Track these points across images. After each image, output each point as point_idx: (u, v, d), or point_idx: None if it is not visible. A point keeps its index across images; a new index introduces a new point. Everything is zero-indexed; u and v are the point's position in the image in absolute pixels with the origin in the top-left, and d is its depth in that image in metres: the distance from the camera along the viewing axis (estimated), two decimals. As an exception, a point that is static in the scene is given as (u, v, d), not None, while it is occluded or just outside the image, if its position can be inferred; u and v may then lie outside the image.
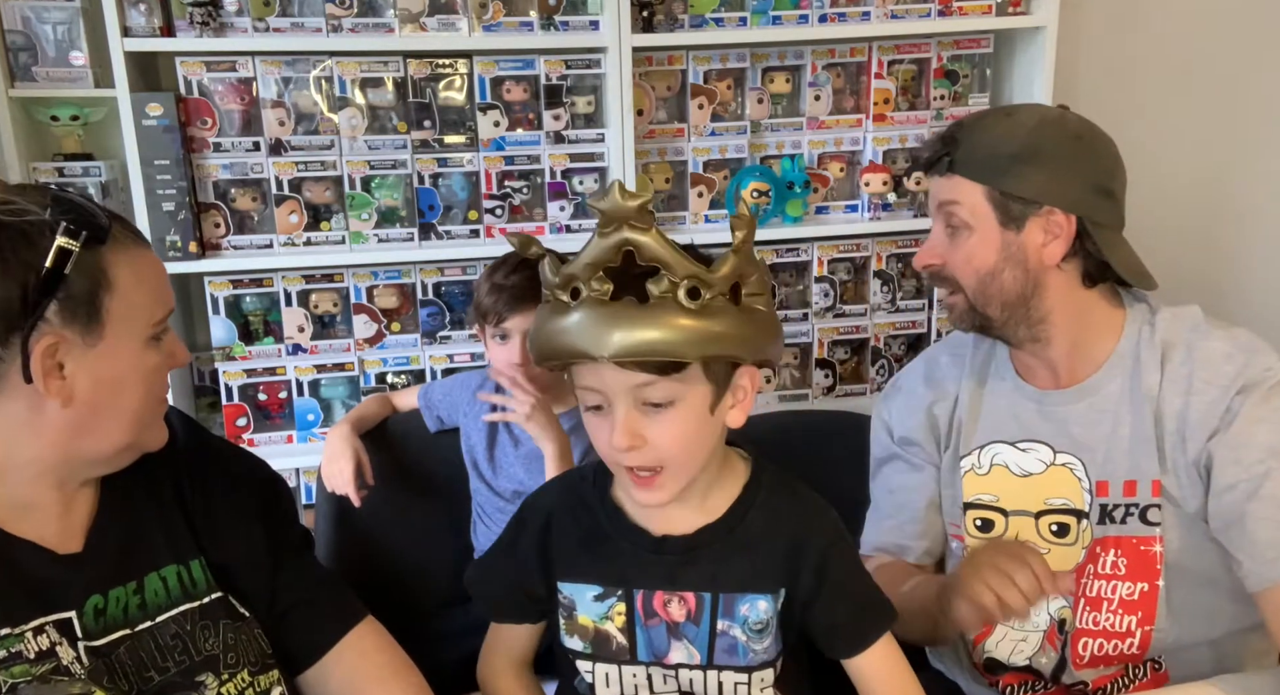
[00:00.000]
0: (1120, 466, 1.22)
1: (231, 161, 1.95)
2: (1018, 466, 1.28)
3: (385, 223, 2.02)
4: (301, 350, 2.05)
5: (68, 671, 0.90)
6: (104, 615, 0.94)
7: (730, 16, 2.03)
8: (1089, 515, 1.24)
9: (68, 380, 0.89)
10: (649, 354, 0.92)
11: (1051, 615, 1.26)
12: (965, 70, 2.20)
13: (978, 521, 1.30)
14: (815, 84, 2.13)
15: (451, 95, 2.02)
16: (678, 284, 0.93)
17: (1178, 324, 1.25)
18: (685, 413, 0.97)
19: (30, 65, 1.89)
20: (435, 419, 1.71)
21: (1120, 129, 1.25)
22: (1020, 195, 1.21)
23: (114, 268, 0.90)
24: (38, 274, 0.85)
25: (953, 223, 1.24)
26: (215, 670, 0.98)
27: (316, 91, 1.96)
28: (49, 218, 0.86)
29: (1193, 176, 2.46)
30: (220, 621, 1.00)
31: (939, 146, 1.25)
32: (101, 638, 0.93)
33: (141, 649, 0.96)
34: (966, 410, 1.32)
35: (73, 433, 0.91)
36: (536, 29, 1.97)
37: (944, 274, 1.26)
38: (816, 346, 2.21)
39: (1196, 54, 2.39)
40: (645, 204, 0.91)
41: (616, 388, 0.95)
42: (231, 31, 1.88)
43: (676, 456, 0.98)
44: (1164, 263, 1.26)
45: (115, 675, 0.93)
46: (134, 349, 0.92)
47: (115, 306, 0.89)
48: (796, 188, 2.10)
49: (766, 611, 1.04)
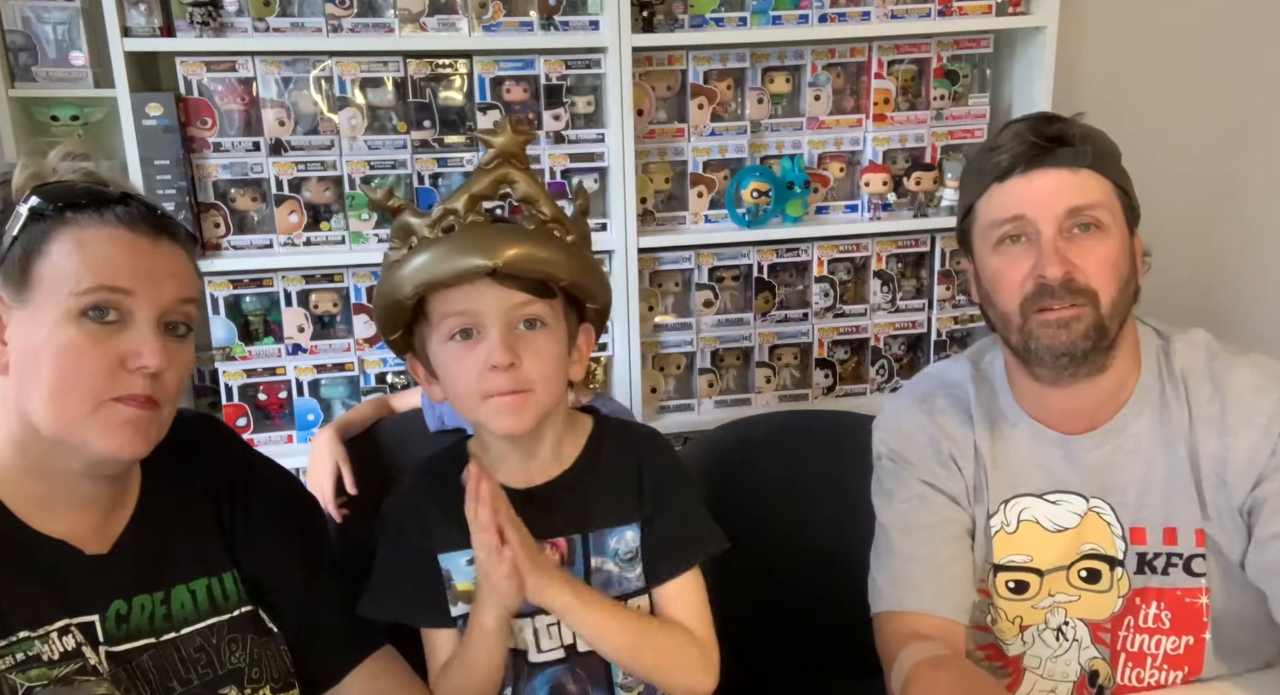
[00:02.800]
0: (1157, 512, 1.15)
1: (231, 161, 1.94)
2: (1050, 521, 1.18)
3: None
4: (301, 350, 2.05)
5: (95, 671, 0.88)
6: (126, 622, 0.93)
7: (730, 16, 2.03)
8: (1124, 563, 1.16)
9: (8, 345, 0.88)
10: (537, 265, 1.02)
11: (1082, 666, 1.20)
12: (965, 70, 2.20)
13: (1010, 584, 1.20)
14: (815, 84, 2.13)
15: (451, 95, 2.02)
16: (545, 221, 1.04)
17: (1194, 353, 1.17)
18: (552, 337, 1.06)
19: (30, 65, 1.89)
20: (437, 418, 1.70)
21: (1120, 129, 1.22)
22: (1132, 195, 1.14)
23: (59, 240, 0.88)
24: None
25: (1085, 222, 1.10)
26: (239, 684, 0.98)
27: (316, 91, 1.96)
28: (26, 193, 0.88)
29: (1193, 177, 2.45)
30: (248, 635, 1.00)
31: (1066, 140, 1.12)
32: (124, 644, 0.92)
33: (165, 659, 0.94)
34: (989, 462, 1.20)
35: (16, 405, 0.88)
36: (536, 29, 1.97)
37: (1077, 283, 1.10)
38: (816, 346, 2.21)
39: (1197, 54, 2.39)
40: (528, 142, 1.04)
41: (494, 307, 1.02)
42: (231, 31, 1.88)
43: (545, 377, 1.04)
44: (1163, 263, 1.22)
45: (136, 682, 0.92)
46: (54, 317, 0.87)
47: (48, 270, 0.87)
48: (796, 188, 2.10)
49: (634, 540, 1.11)
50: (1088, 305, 1.09)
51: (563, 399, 1.11)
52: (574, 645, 1.10)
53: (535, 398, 1.04)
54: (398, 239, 1.05)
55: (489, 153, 1.04)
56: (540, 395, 1.04)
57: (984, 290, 1.19)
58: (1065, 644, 1.21)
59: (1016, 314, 1.13)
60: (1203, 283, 2.52)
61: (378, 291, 1.09)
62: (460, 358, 1.04)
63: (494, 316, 1.02)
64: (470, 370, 1.03)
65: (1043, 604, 1.21)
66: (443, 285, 1.02)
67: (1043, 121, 1.15)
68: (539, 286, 1.04)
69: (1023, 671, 1.22)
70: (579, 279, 1.06)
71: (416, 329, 1.09)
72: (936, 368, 1.33)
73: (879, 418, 1.32)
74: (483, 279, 1.01)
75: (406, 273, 1.02)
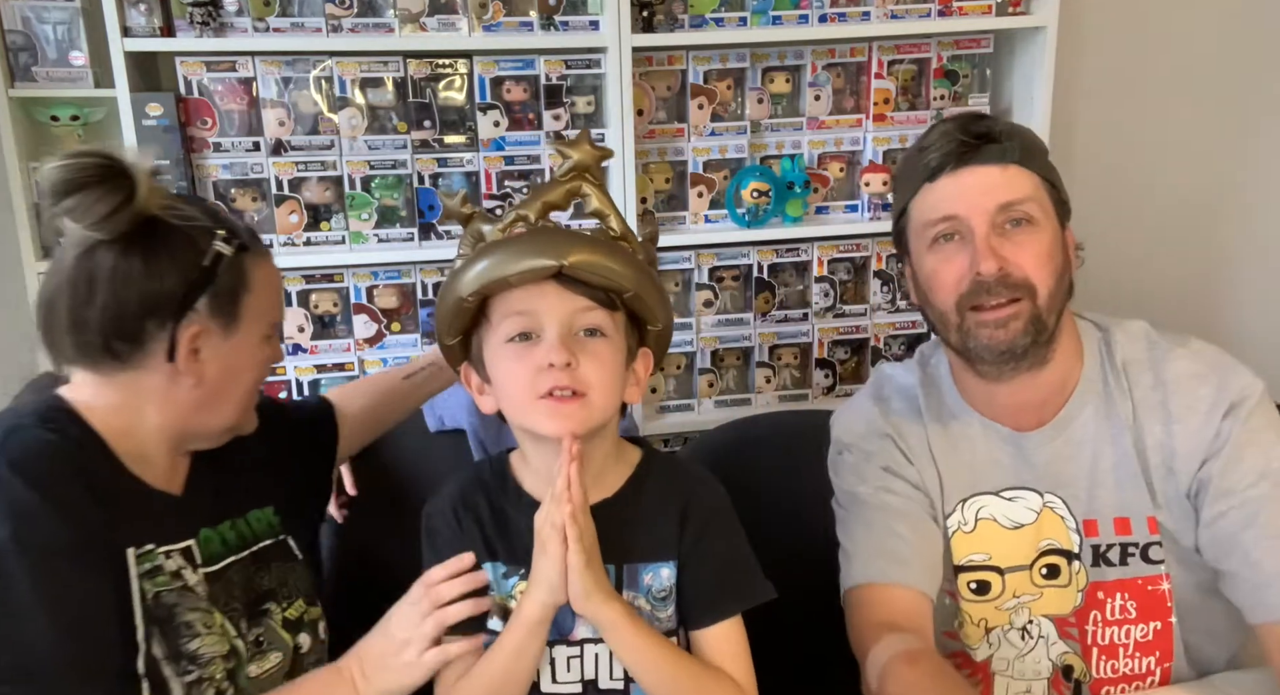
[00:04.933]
0: (1107, 503, 1.16)
1: (231, 161, 1.95)
2: (1007, 518, 1.19)
3: (385, 223, 2.02)
4: (301, 350, 2.05)
5: (193, 592, 1.05)
6: (207, 550, 1.10)
7: (730, 16, 2.03)
8: (1080, 556, 1.17)
9: (201, 363, 1.05)
10: (604, 270, 1.00)
11: (1054, 662, 1.20)
12: (965, 70, 2.20)
13: (972, 585, 1.21)
14: (815, 84, 2.13)
15: (451, 95, 2.02)
16: (615, 237, 1.05)
17: (1134, 343, 1.18)
18: (612, 347, 1.04)
19: (30, 65, 1.89)
20: (437, 419, 1.70)
21: (1120, 129, 1.23)
22: (1060, 188, 1.15)
23: (253, 272, 1.07)
24: (197, 271, 1.03)
25: (1016, 217, 1.12)
26: (277, 600, 1.15)
27: (316, 91, 1.96)
28: (211, 225, 1.04)
29: (1193, 177, 2.45)
30: (273, 563, 1.17)
31: (992, 136, 1.12)
32: (215, 564, 1.10)
33: (239, 574, 1.12)
34: (942, 463, 1.21)
35: (195, 408, 1.07)
36: (536, 29, 1.97)
37: (1013, 278, 1.11)
38: (816, 346, 2.21)
39: (1197, 54, 2.39)
40: (605, 158, 1.05)
41: (555, 309, 1.01)
42: (231, 31, 1.88)
43: (600, 385, 1.02)
44: (1162, 264, 1.23)
45: (229, 598, 1.09)
46: (255, 343, 1.10)
47: (250, 305, 1.07)
48: (796, 188, 2.10)
49: (669, 579, 1.07)
50: (1025, 299, 1.11)
51: (614, 419, 1.08)
52: (594, 681, 1.06)
53: (588, 403, 1.01)
54: (467, 245, 1.06)
55: (565, 164, 1.05)
56: (594, 402, 1.01)
57: (921, 291, 1.19)
58: (1031, 642, 1.21)
59: (954, 312, 1.14)
60: (1202, 282, 2.52)
61: (440, 295, 1.08)
62: (519, 357, 1.02)
63: (554, 318, 1.01)
64: (526, 370, 1.01)
65: (1007, 605, 1.21)
66: (507, 284, 1.01)
67: (969, 120, 1.16)
68: (603, 296, 1.02)
69: (992, 676, 1.22)
70: (643, 293, 1.04)
71: (475, 334, 1.08)
72: (889, 369, 1.33)
73: (837, 416, 1.33)
74: (547, 281, 1.00)
75: (472, 273, 1.02)
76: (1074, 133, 2.31)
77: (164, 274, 1.01)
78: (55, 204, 0.98)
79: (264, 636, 1.11)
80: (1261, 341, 2.54)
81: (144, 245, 1.00)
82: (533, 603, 1.01)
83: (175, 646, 1.01)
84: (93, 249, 1.00)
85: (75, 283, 1.00)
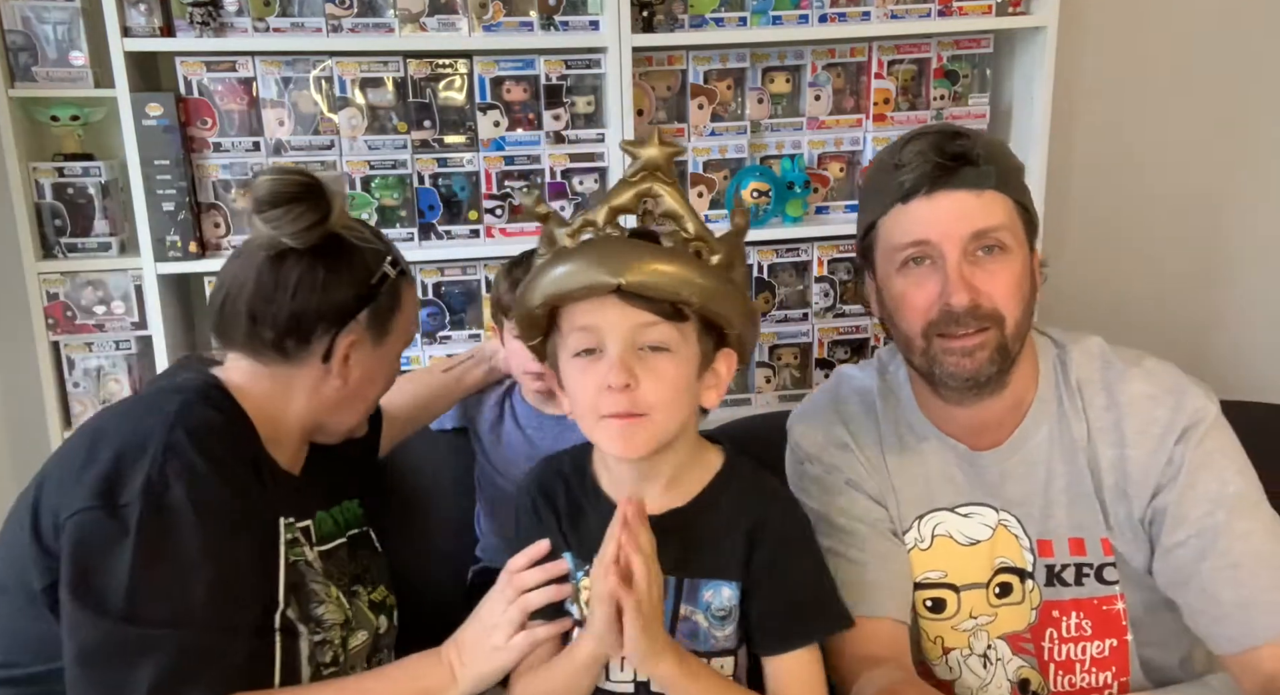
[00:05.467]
0: (1062, 524, 1.15)
1: (231, 161, 1.94)
2: (963, 535, 1.18)
3: (385, 223, 2.02)
4: (301, 350, 2.05)
5: (312, 566, 1.15)
6: (324, 526, 1.21)
7: (730, 16, 2.03)
8: (1034, 575, 1.17)
9: (350, 367, 1.17)
10: (663, 287, 0.96)
11: (1010, 680, 1.20)
12: (965, 70, 2.20)
13: (928, 602, 1.20)
14: (815, 84, 2.13)
15: (451, 95, 2.02)
16: (689, 239, 0.99)
17: (1089, 362, 1.16)
18: (677, 362, 1.00)
19: (30, 65, 1.89)
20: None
21: (1120, 129, 1.22)
22: (1032, 209, 1.13)
23: (405, 295, 1.22)
24: (366, 288, 1.15)
25: (989, 245, 1.09)
26: (364, 583, 1.26)
27: (316, 91, 1.96)
28: (381, 248, 1.18)
29: (1193, 177, 2.45)
30: (360, 550, 1.28)
31: (970, 159, 1.08)
32: (327, 543, 1.21)
33: (342, 555, 1.23)
34: (897, 476, 1.21)
35: (334, 406, 1.20)
36: (536, 29, 1.97)
37: (983, 309, 1.08)
38: (816, 346, 2.21)
39: (1197, 54, 2.39)
40: (676, 155, 1.00)
41: (617, 326, 0.98)
42: (231, 31, 1.88)
43: (662, 404, 0.99)
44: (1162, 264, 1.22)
45: (340, 575, 1.20)
46: (393, 357, 1.24)
47: (399, 323, 1.21)
48: (796, 188, 2.10)
49: (730, 599, 1.04)
50: (992, 329, 1.08)
51: (689, 427, 1.05)
52: (646, 683, 1.06)
53: (650, 423, 0.99)
54: (544, 247, 1.03)
55: (634, 164, 1.00)
56: (657, 421, 0.99)
57: (887, 310, 1.17)
58: (992, 668, 1.21)
59: (920, 338, 1.12)
60: (1202, 282, 2.52)
61: (516, 298, 1.08)
62: (584, 371, 1.01)
63: (616, 334, 0.98)
64: (589, 388, 1.00)
65: (964, 626, 1.21)
66: (570, 299, 1.00)
67: (945, 139, 1.11)
68: (668, 308, 0.98)
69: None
70: (712, 304, 0.99)
71: (550, 339, 1.07)
72: (848, 371, 1.32)
73: (797, 418, 1.31)
74: (609, 295, 0.98)
75: (539, 284, 1.01)
76: (1074, 133, 2.31)
77: (342, 286, 1.14)
78: (260, 212, 1.10)
79: (354, 615, 1.20)
80: (1261, 341, 2.55)
81: (328, 259, 1.13)
82: (585, 649, 1.02)
83: (306, 610, 1.11)
84: (283, 255, 1.12)
85: (261, 282, 1.12)
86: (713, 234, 1.02)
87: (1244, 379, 2.46)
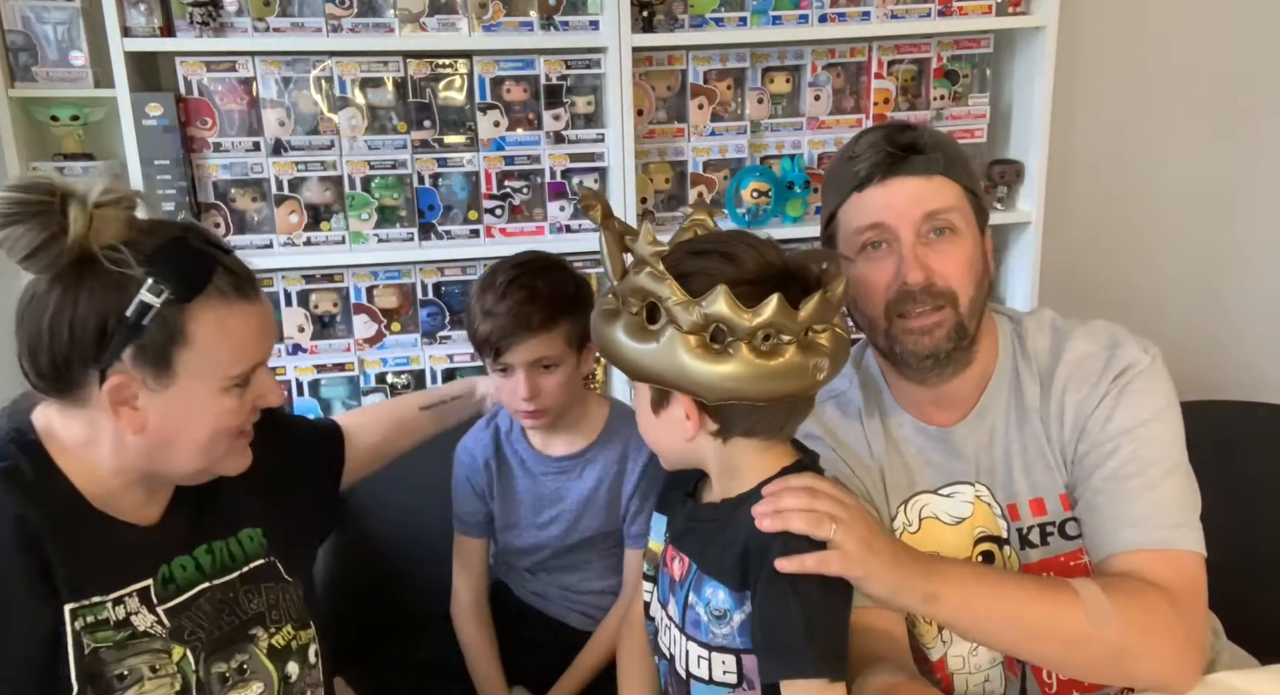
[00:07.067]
0: (1023, 487, 1.20)
1: (231, 161, 1.95)
2: (948, 514, 1.22)
3: (385, 223, 2.02)
4: (301, 350, 2.05)
5: (145, 635, 1.01)
6: (173, 582, 1.05)
7: (730, 16, 2.03)
8: (1009, 541, 1.21)
9: (140, 412, 0.97)
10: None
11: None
12: (965, 70, 2.20)
13: None
14: (815, 84, 2.13)
15: (451, 95, 2.02)
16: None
17: (1040, 330, 1.23)
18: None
19: (30, 65, 1.89)
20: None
21: (1120, 129, 1.24)
22: (981, 198, 1.20)
23: (195, 324, 0.97)
24: (118, 320, 0.94)
25: (940, 226, 1.16)
26: (264, 625, 1.10)
27: (316, 91, 1.96)
28: (140, 272, 0.94)
29: (1193, 177, 2.45)
30: (264, 584, 1.12)
31: (919, 148, 1.15)
32: (178, 597, 1.04)
33: (209, 602, 1.07)
34: (884, 464, 1.24)
35: (144, 454, 1.00)
36: (536, 29, 1.97)
37: (937, 287, 1.15)
38: (816, 346, 2.20)
39: (1197, 54, 2.39)
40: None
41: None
42: (231, 31, 1.88)
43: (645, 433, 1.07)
44: (1162, 264, 1.24)
45: (196, 628, 1.05)
46: (207, 394, 1.00)
47: (189, 359, 0.97)
48: (796, 188, 2.10)
49: (725, 601, 1.02)
50: (948, 307, 1.15)
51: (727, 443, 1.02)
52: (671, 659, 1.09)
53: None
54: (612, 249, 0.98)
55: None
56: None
57: (851, 296, 1.21)
58: None
59: (882, 318, 1.18)
60: (1202, 282, 2.52)
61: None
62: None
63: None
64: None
65: None
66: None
67: (895, 131, 1.19)
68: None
69: (951, 677, 1.24)
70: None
71: None
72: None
73: None
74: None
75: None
76: (1074, 133, 2.31)
77: (83, 318, 0.94)
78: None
79: (247, 664, 1.08)
80: (1262, 340, 2.55)
81: (69, 286, 0.94)
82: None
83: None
84: (37, 282, 0.96)
85: (20, 314, 0.97)
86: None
87: (1245, 379, 2.46)
